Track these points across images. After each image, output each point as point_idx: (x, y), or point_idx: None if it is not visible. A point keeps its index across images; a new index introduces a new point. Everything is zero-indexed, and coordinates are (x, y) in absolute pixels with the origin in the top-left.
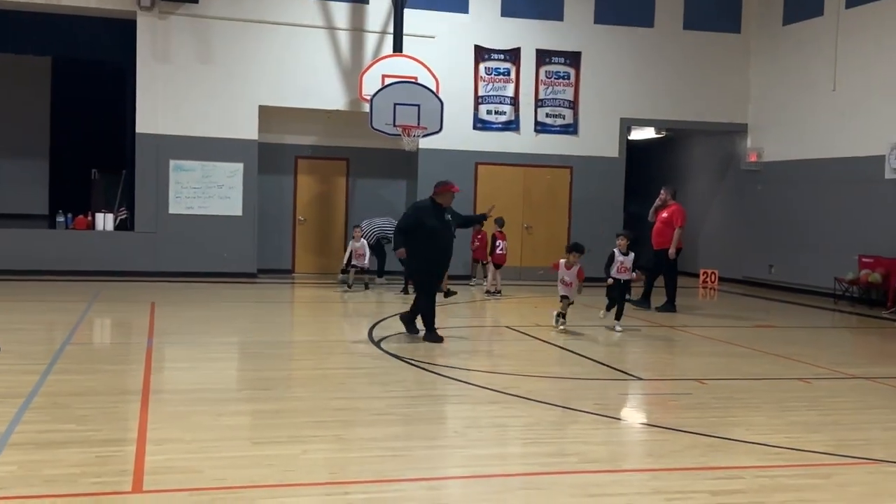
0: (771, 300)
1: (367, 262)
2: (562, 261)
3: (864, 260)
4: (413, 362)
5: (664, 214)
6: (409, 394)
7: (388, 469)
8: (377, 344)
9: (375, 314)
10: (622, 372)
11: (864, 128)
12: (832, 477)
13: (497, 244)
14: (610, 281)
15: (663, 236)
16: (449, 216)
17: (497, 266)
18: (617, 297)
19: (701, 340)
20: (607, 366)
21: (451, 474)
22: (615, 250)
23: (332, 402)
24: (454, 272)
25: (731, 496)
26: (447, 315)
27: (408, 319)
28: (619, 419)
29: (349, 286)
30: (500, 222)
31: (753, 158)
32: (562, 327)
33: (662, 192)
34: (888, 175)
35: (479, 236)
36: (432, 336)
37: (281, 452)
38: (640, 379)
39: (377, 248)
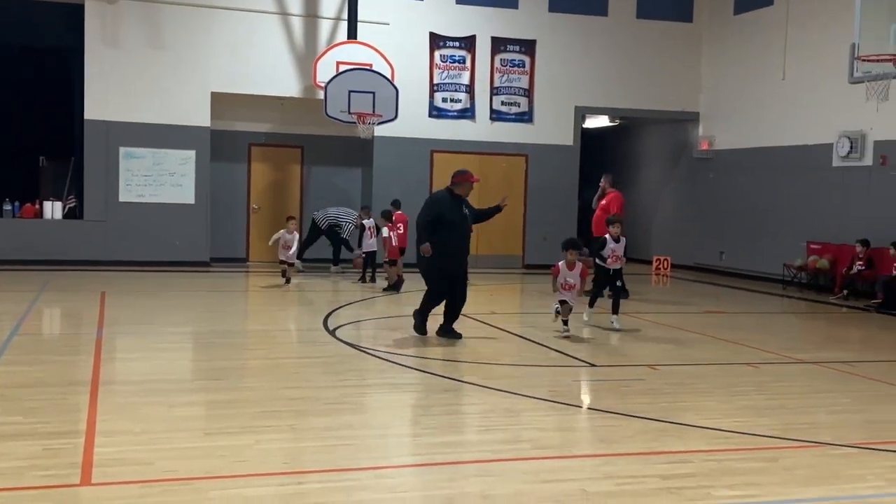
0: (721, 286)
1: (292, 254)
2: (560, 263)
3: (812, 246)
4: (368, 351)
5: (603, 202)
6: (363, 382)
7: (341, 458)
8: (332, 333)
9: (331, 303)
10: (575, 359)
11: (812, 116)
12: (779, 460)
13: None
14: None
15: (602, 224)
16: (467, 210)
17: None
18: (611, 288)
19: (653, 326)
20: (561, 352)
21: (405, 462)
22: (607, 236)
23: (286, 392)
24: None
25: (681, 480)
26: (403, 304)
27: (421, 324)
28: (571, 405)
29: (287, 280)
30: None
31: (705, 147)
32: (566, 335)
33: (602, 180)
34: (836, 163)
35: None
36: (421, 326)
37: (233, 443)
38: (594, 366)
39: (329, 235)
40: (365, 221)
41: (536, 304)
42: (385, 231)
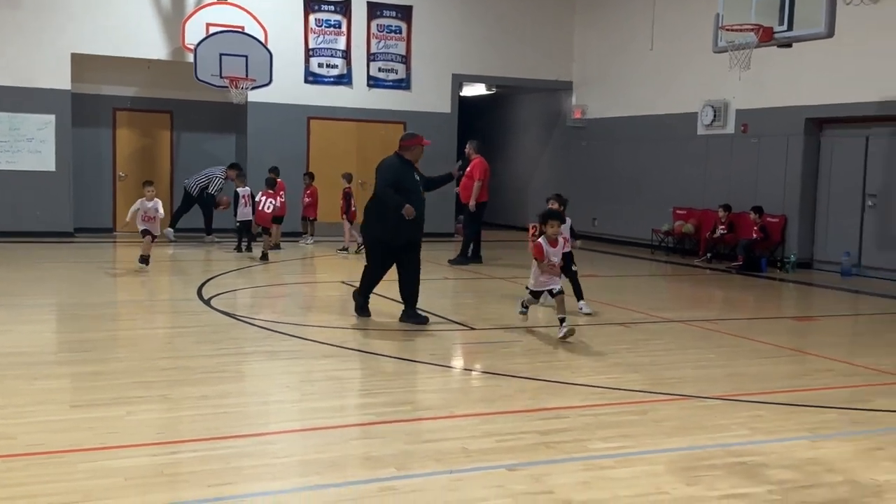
0: (595, 251)
1: (157, 226)
2: (541, 240)
3: (677, 212)
4: (246, 320)
5: (468, 169)
6: (241, 351)
7: (219, 426)
8: (207, 302)
9: (205, 272)
10: (456, 323)
11: (679, 86)
12: (648, 413)
13: (351, 200)
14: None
15: (468, 190)
16: (418, 176)
17: (352, 222)
18: (567, 273)
19: None
20: (442, 317)
21: (286, 428)
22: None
23: (159, 363)
24: (284, 228)
25: (558, 434)
26: (280, 273)
27: (362, 305)
28: (452, 367)
29: (146, 261)
30: (348, 177)
31: (578, 115)
32: (570, 337)
33: (467, 146)
34: (700, 131)
35: (309, 191)
36: (363, 309)
37: (103, 415)
38: (473, 329)
39: (201, 201)
40: (240, 190)
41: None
42: (263, 199)
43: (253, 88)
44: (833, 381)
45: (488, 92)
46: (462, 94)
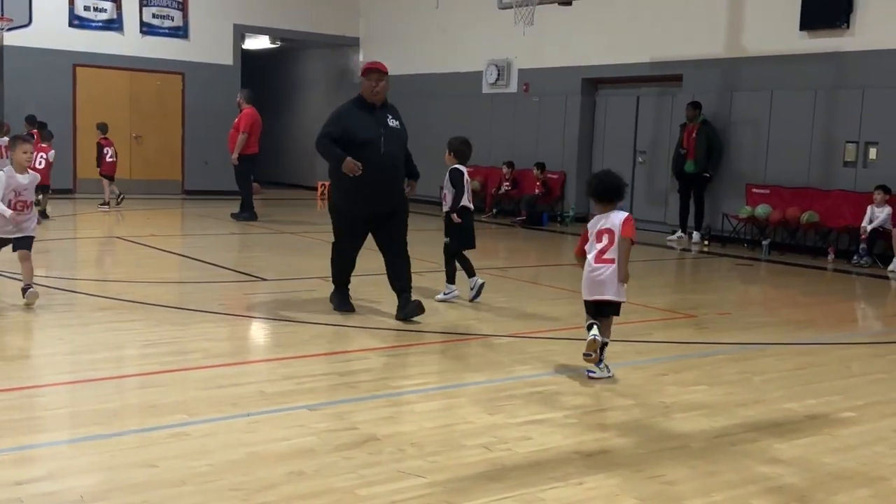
0: None
1: None
2: (590, 226)
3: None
4: (8, 275)
5: (236, 120)
6: (5, 304)
7: None
8: None
9: None
10: (245, 274)
11: (464, 45)
12: (448, 351)
13: (105, 152)
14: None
15: (233, 142)
16: (396, 121)
17: (108, 178)
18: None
19: (321, 245)
20: (230, 269)
21: (58, 381)
22: (458, 167)
23: None
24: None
25: (359, 375)
26: (49, 229)
27: (340, 300)
28: (244, 316)
29: None
30: (102, 128)
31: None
32: (608, 373)
33: (238, 96)
34: (485, 90)
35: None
36: (342, 302)
37: None
38: (265, 280)
39: None
40: None
41: (197, 227)
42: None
43: (9, 30)
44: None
45: (273, 45)
46: (245, 46)
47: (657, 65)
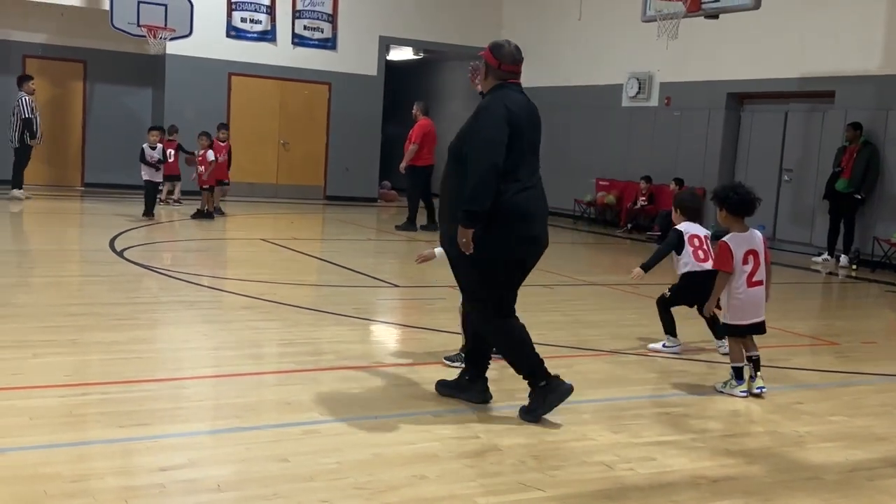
0: None
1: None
2: (734, 245)
3: (600, 183)
4: (161, 271)
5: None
6: (156, 300)
7: (131, 371)
8: (120, 254)
9: (116, 226)
10: (379, 280)
11: (605, 58)
12: (574, 367)
13: (168, 154)
14: None
15: (411, 153)
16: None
17: (175, 179)
18: None
19: None
20: (365, 274)
21: (202, 374)
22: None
23: (69, 308)
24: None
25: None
26: (204, 229)
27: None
28: (376, 321)
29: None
30: (170, 130)
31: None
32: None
33: (414, 108)
34: (625, 103)
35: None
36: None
37: (7, 356)
38: (397, 286)
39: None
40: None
41: (337, 232)
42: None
43: (172, 39)
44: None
45: (415, 57)
46: (389, 57)
47: (807, 80)
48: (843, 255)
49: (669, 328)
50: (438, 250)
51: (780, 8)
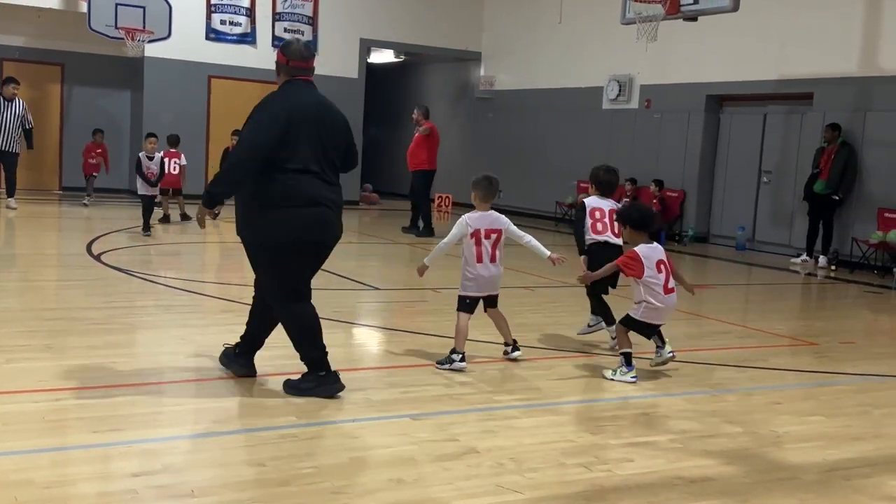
0: None
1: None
2: (645, 256)
3: (581, 185)
4: (138, 275)
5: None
6: (133, 304)
7: (106, 376)
8: (97, 258)
9: (93, 230)
10: (360, 283)
11: (585, 60)
12: (553, 368)
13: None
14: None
15: (416, 157)
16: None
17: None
18: None
19: (442, 257)
20: (346, 277)
21: (180, 378)
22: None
23: (43, 313)
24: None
25: (463, 387)
26: (182, 232)
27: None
28: (356, 324)
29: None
30: (172, 141)
31: (486, 87)
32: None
33: (415, 112)
34: (605, 105)
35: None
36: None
37: None
38: (378, 289)
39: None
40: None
41: None
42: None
43: (150, 42)
44: (730, 343)
45: (396, 59)
46: (369, 60)
47: (786, 82)
48: (821, 256)
49: (595, 310)
50: (427, 260)
51: (758, 10)
